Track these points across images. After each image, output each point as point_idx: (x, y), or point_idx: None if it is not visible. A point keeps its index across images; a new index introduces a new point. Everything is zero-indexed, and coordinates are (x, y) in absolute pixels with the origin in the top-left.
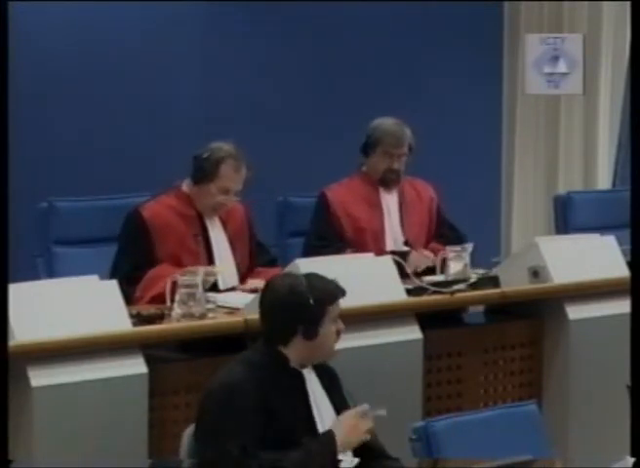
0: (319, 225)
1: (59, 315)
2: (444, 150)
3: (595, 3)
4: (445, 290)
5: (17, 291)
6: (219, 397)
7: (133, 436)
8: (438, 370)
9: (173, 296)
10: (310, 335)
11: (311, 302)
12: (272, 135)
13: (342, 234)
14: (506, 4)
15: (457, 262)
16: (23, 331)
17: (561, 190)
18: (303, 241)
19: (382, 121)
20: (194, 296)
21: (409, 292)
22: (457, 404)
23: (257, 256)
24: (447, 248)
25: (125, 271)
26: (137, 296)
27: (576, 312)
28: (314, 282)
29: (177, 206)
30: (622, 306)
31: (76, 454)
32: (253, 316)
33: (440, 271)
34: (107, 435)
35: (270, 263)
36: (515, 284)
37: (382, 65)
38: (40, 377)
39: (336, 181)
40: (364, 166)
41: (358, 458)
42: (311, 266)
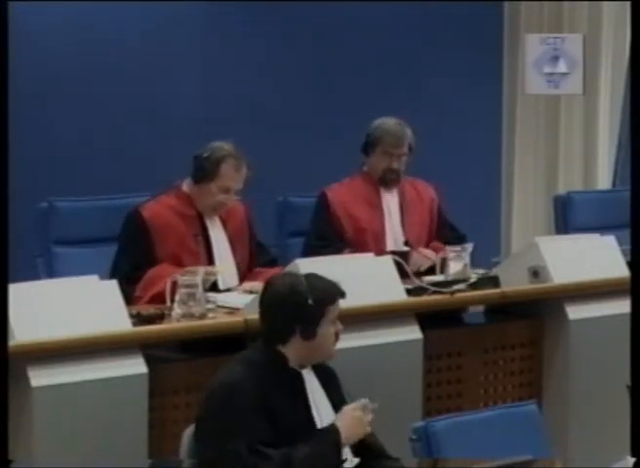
0: (319, 225)
1: (59, 315)
2: (444, 150)
3: (595, 3)
4: (445, 290)
5: (17, 291)
6: (219, 397)
7: (133, 436)
8: (438, 370)
9: (173, 296)
10: (308, 336)
11: (310, 302)
12: (272, 135)
13: (343, 234)
14: (506, 4)
15: (457, 262)
16: (23, 331)
17: (561, 190)
18: (303, 241)
19: (384, 120)
20: (194, 296)
21: (409, 292)
22: (457, 404)
23: (257, 257)
24: (447, 247)
25: (125, 271)
26: (136, 296)
27: (576, 312)
28: (314, 282)
29: (177, 206)
30: (622, 306)
31: (76, 454)
32: (253, 316)
33: (440, 271)
34: (107, 435)
35: (270, 263)
36: (515, 284)
37: (382, 65)
38: (40, 377)
39: (335, 181)
40: (365, 166)
41: (358, 458)
42: (311, 266)
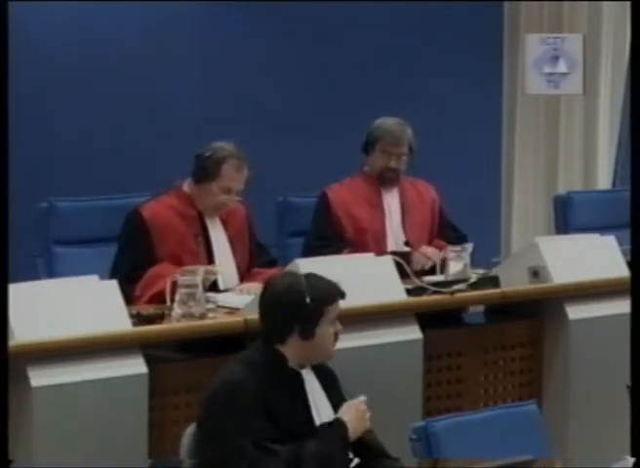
0: (319, 225)
1: (59, 315)
2: (444, 150)
3: (595, 3)
4: (445, 290)
5: (17, 291)
6: (220, 397)
7: (133, 436)
8: (438, 370)
9: (173, 296)
10: (307, 335)
11: (308, 302)
12: (272, 135)
13: (343, 234)
14: (506, 4)
15: (457, 262)
16: (23, 331)
17: (561, 190)
18: (304, 241)
19: (385, 120)
20: (194, 296)
21: (409, 292)
22: (457, 404)
23: (256, 257)
24: (447, 247)
25: (125, 271)
26: (136, 295)
27: (576, 312)
28: (314, 282)
29: (177, 206)
30: (622, 306)
31: (76, 454)
32: (252, 316)
33: (440, 271)
34: (107, 435)
35: (270, 264)
36: (515, 284)
37: (382, 65)
38: (40, 377)
39: (335, 181)
40: (365, 166)
41: (358, 458)
42: (311, 266)
